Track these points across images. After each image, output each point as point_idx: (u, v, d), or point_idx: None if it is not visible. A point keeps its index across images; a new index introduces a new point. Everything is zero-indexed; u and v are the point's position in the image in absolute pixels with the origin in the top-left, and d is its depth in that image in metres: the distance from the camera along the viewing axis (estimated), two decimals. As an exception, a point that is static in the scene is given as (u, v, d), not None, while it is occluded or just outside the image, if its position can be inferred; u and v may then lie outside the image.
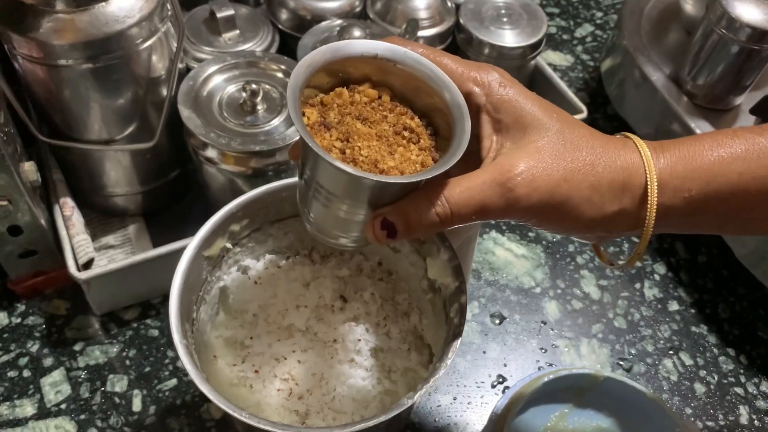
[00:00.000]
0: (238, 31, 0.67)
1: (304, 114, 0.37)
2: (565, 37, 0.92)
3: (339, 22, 0.69)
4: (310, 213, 0.39)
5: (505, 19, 0.72)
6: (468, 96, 0.37)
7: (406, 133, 0.38)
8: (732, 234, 0.62)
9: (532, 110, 0.37)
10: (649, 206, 0.36)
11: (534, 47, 0.72)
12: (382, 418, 0.38)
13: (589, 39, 0.92)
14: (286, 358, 0.48)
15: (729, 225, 0.40)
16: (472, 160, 0.38)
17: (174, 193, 0.68)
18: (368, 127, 0.37)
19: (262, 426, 0.37)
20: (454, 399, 0.58)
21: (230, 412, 0.38)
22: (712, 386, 0.60)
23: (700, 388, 0.60)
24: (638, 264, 0.68)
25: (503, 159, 0.36)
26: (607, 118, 0.81)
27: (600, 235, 0.39)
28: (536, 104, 0.37)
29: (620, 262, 0.43)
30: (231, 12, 0.66)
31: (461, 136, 0.36)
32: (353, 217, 0.37)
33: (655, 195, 0.36)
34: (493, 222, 0.70)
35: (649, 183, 0.36)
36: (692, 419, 0.58)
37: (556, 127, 0.37)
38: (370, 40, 0.38)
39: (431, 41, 0.71)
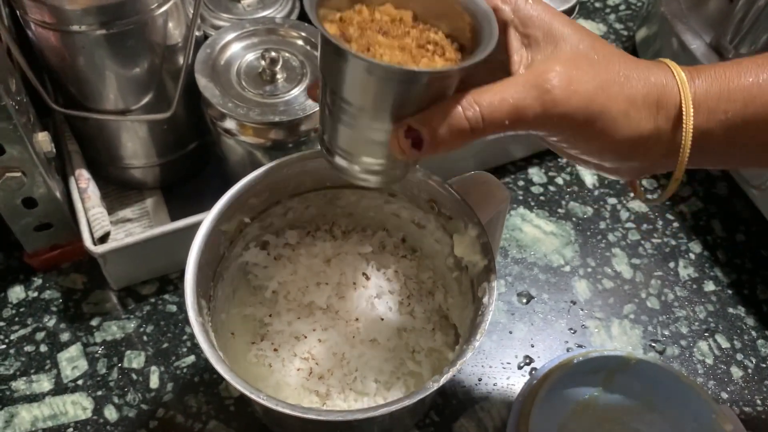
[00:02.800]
0: (257, -2, 0.65)
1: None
2: (597, 5, 0.88)
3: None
4: (336, 142, 0.38)
5: (536, -15, 0.68)
6: (495, 12, 0.36)
7: (430, 47, 0.36)
8: None
9: (562, 26, 0.35)
10: (684, 126, 0.34)
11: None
12: (407, 402, 0.36)
13: (622, 7, 0.88)
14: (306, 337, 0.46)
15: (766, 154, 0.37)
16: (496, 80, 0.35)
17: (192, 166, 0.66)
18: (390, 39, 0.35)
19: (280, 409, 0.36)
20: (479, 380, 0.56)
21: (247, 393, 0.36)
22: (749, 370, 0.58)
23: (737, 372, 0.58)
24: (670, 238, 0.65)
25: (536, 65, 0.34)
26: (641, 89, 0.78)
27: (633, 165, 0.37)
28: (565, 20, 0.36)
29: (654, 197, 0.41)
30: (250, -23, 0.64)
31: (489, 35, 0.34)
32: (379, 135, 0.35)
33: (691, 114, 0.34)
34: (521, 197, 0.67)
35: (684, 102, 0.34)
36: (729, 405, 0.56)
37: (587, 41, 0.35)
38: None
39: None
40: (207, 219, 0.43)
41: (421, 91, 0.34)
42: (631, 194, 0.68)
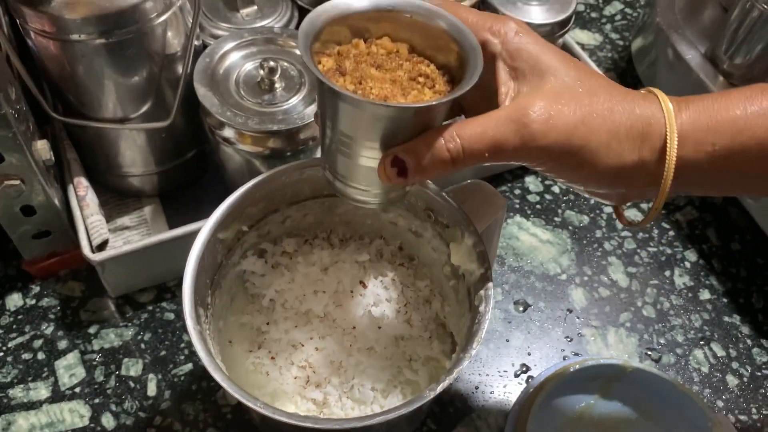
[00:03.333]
0: (255, 7, 0.65)
1: (319, 62, 0.37)
2: (593, 15, 0.89)
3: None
4: (336, 170, 0.40)
5: (532, -5, 0.69)
6: (483, 45, 0.37)
7: (421, 79, 0.37)
8: (755, 195, 0.60)
9: (549, 58, 0.36)
10: (668, 157, 0.35)
11: (562, 24, 0.69)
12: (403, 411, 0.36)
13: (618, 17, 0.89)
14: (303, 345, 0.46)
15: (753, 184, 0.38)
16: (489, 109, 0.36)
17: (190, 174, 0.66)
18: (383, 73, 0.37)
19: (277, 417, 0.36)
20: (476, 388, 0.56)
21: (244, 401, 0.36)
22: (745, 379, 0.58)
23: (732, 380, 0.58)
24: (666, 247, 0.65)
25: (520, 99, 0.35)
26: (636, 99, 0.78)
27: (619, 191, 0.38)
28: (553, 52, 0.37)
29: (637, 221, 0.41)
30: (249, -13, 0.64)
31: (473, 69, 0.35)
32: (371, 162, 0.37)
33: (675, 146, 0.35)
34: (517, 206, 0.68)
35: (668, 134, 0.35)
36: (724, 413, 0.56)
37: (573, 74, 0.36)
38: None
39: (455, 18, 0.68)
40: (205, 227, 0.43)
41: (407, 123, 0.35)
42: (628, 203, 0.68)
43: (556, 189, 0.70)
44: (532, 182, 0.70)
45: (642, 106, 0.35)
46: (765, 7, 0.60)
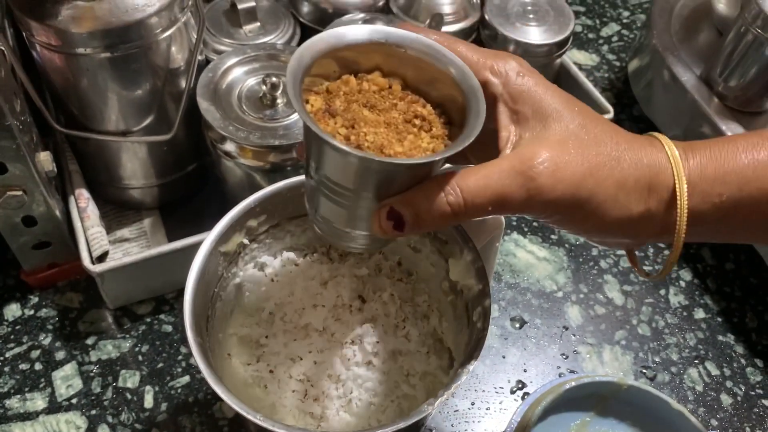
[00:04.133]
0: (258, 24, 0.66)
1: (307, 101, 0.35)
2: (590, 36, 0.90)
3: (361, 15, 0.67)
4: (318, 211, 0.37)
5: (531, 16, 0.70)
6: (484, 85, 0.35)
7: (417, 121, 0.35)
8: (762, 243, 0.60)
9: (553, 102, 0.35)
10: (678, 210, 0.34)
11: (560, 45, 0.70)
12: (401, 425, 0.37)
13: (615, 38, 0.90)
14: (302, 359, 0.46)
15: (761, 234, 0.37)
16: (489, 154, 0.35)
17: (191, 187, 0.67)
18: (376, 114, 0.35)
19: (276, 429, 0.36)
20: (472, 404, 0.56)
21: (244, 414, 0.36)
22: (739, 398, 0.58)
23: (726, 399, 0.58)
24: (661, 266, 0.66)
25: (524, 148, 0.34)
26: (633, 119, 0.79)
27: (625, 241, 0.37)
28: (556, 96, 0.35)
29: (652, 273, 0.41)
30: (252, 4, 0.65)
31: (476, 118, 0.33)
32: (361, 212, 0.35)
33: (686, 198, 0.34)
34: (514, 223, 0.68)
35: (677, 185, 0.34)
36: (718, 431, 0.56)
37: (578, 120, 0.34)
38: (379, 26, 0.36)
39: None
40: (207, 240, 0.44)
41: (403, 176, 0.33)
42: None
43: (552, 207, 0.70)
44: (529, 200, 0.70)
45: (649, 155, 0.34)
46: (759, 31, 0.61)
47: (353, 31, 0.35)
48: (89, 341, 0.58)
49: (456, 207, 0.33)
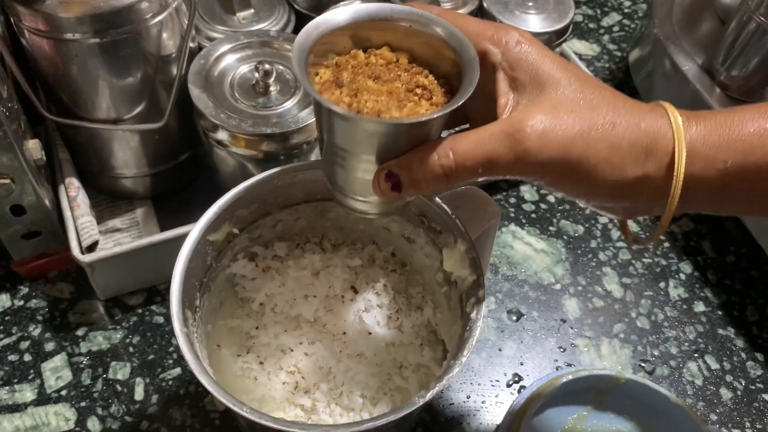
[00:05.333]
0: (252, 10, 0.65)
1: (317, 74, 0.37)
2: (591, 25, 0.89)
3: (358, 2, 0.66)
4: (333, 178, 0.39)
5: (530, 4, 0.69)
6: (484, 54, 0.36)
7: (418, 91, 0.37)
8: (763, 214, 0.59)
9: (551, 68, 0.35)
10: (675, 175, 0.34)
11: (560, 33, 0.69)
12: (392, 417, 0.36)
13: (616, 28, 0.89)
14: (292, 350, 0.46)
15: (763, 204, 0.37)
16: (488, 121, 0.36)
17: (183, 177, 0.66)
18: (380, 84, 0.36)
19: (263, 422, 0.35)
20: (468, 397, 0.55)
21: (231, 406, 0.36)
22: (738, 392, 0.57)
23: (726, 393, 0.57)
24: (661, 258, 0.65)
25: (516, 113, 0.35)
26: (633, 110, 0.78)
27: (624, 205, 0.37)
28: (555, 63, 0.35)
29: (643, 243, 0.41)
30: (246, -10, 0.64)
31: (468, 84, 0.35)
32: (368, 175, 0.37)
33: (683, 163, 0.34)
34: (512, 214, 0.67)
35: (677, 149, 0.34)
36: (717, 426, 0.55)
37: (575, 86, 0.35)
38: (385, 3, 0.38)
39: (453, 25, 0.68)
40: (195, 229, 0.43)
41: (401, 138, 0.35)
42: (632, 218, 0.68)
43: (551, 198, 0.69)
44: (527, 191, 0.69)
45: (648, 120, 0.34)
46: (762, 19, 0.60)
47: (360, 9, 0.37)
48: (79, 332, 0.57)
49: (447, 169, 0.34)
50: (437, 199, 0.45)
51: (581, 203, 0.38)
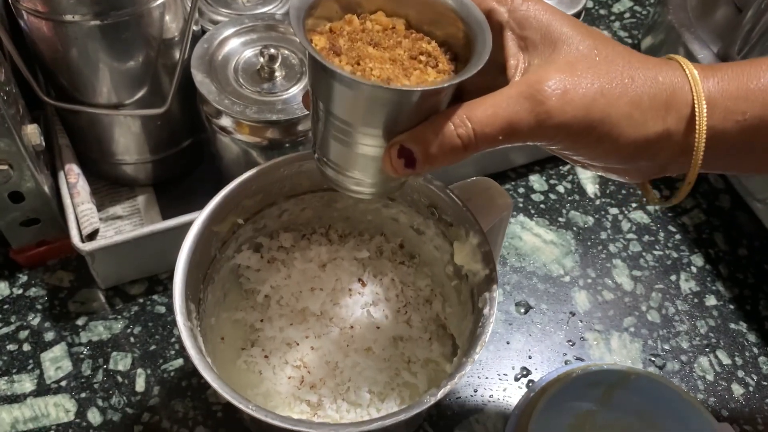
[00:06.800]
0: (257, -7, 0.63)
1: (311, 41, 0.34)
2: (602, 12, 0.87)
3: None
4: (327, 153, 0.37)
5: (542, -11, 0.67)
6: (489, 14, 0.34)
7: (422, 57, 0.35)
8: None
9: (561, 25, 0.33)
10: (698, 127, 0.33)
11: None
12: (403, 416, 0.35)
13: (627, 15, 0.87)
14: (298, 344, 0.45)
15: None
16: (498, 86, 0.34)
17: (186, 164, 0.64)
18: (381, 51, 0.34)
19: (269, 420, 0.34)
20: (475, 391, 0.54)
21: (236, 403, 0.35)
22: (751, 388, 0.56)
23: (738, 389, 0.56)
24: (672, 251, 0.64)
25: (531, 74, 0.33)
26: (644, 98, 0.77)
27: (641, 165, 0.35)
28: (565, 19, 0.34)
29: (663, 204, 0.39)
30: (251, -28, 0.62)
31: (483, 46, 0.33)
32: (371, 151, 0.34)
33: (705, 115, 0.32)
34: (521, 205, 0.66)
35: (696, 101, 0.32)
36: (729, 422, 0.54)
37: (588, 42, 0.33)
38: None
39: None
40: (199, 218, 0.41)
41: (412, 108, 0.33)
42: (633, 204, 0.67)
43: (560, 188, 0.68)
44: (536, 181, 0.68)
45: (665, 73, 0.33)
46: (782, 6, 0.58)
47: None
48: (79, 322, 0.56)
49: (466, 139, 0.32)
50: (448, 189, 0.44)
51: (596, 166, 0.36)
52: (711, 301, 0.61)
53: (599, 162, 0.35)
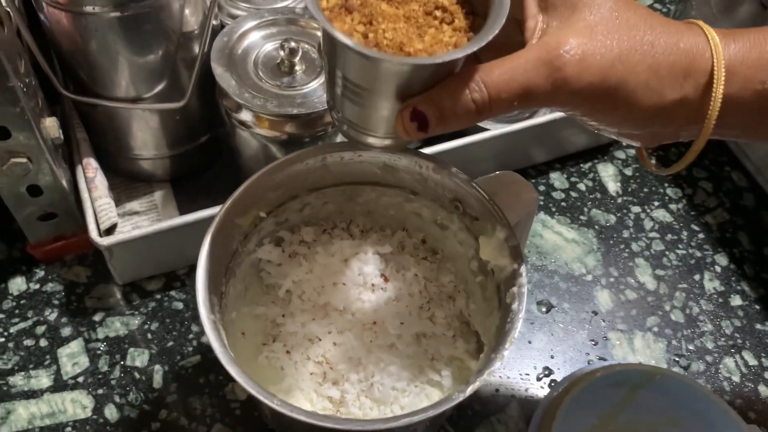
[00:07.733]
0: (277, -13, 0.63)
1: None
2: (621, 9, 0.86)
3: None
4: (340, 110, 0.37)
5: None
6: None
7: (438, 13, 0.34)
8: None
9: None
10: (713, 95, 0.32)
11: None
12: (431, 413, 0.34)
13: (646, 12, 0.86)
14: (320, 340, 0.44)
15: None
16: (515, 48, 0.33)
17: (204, 159, 0.64)
18: (395, 7, 0.33)
19: (294, 415, 0.33)
20: (497, 390, 0.54)
21: (261, 398, 0.34)
22: (778, 390, 0.55)
23: (765, 391, 0.55)
24: (695, 250, 0.62)
25: (550, 37, 0.32)
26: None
27: (654, 131, 0.35)
28: None
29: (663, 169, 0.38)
30: (270, -34, 0.62)
31: (500, 5, 0.32)
32: (384, 112, 0.34)
33: (722, 83, 0.32)
34: (542, 203, 0.65)
35: (716, 69, 0.32)
36: (757, 425, 0.53)
37: (609, 5, 0.32)
38: None
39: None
40: (222, 209, 0.41)
41: (426, 76, 0.33)
42: (655, 203, 0.66)
43: (582, 186, 0.67)
44: (557, 178, 0.67)
45: (686, 40, 0.32)
46: (810, 1, 0.57)
47: None
48: (96, 317, 0.55)
49: (481, 104, 0.32)
50: (473, 183, 0.43)
51: (610, 131, 0.36)
52: (736, 301, 0.60)
53: (613, 127, 0.35)
